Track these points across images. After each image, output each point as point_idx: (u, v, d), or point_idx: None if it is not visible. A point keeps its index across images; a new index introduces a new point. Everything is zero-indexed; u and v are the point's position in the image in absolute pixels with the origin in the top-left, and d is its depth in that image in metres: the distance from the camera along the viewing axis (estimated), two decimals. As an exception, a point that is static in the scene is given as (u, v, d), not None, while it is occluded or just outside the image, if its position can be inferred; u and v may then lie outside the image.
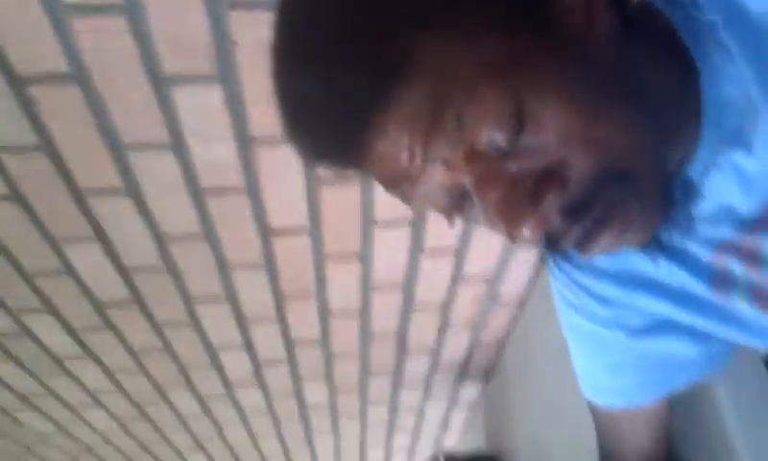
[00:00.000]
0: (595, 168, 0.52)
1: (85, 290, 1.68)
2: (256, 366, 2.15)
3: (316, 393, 2.39)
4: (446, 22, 0.50)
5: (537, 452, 1.91)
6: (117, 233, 1.48)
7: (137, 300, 1.73)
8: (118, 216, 1.41)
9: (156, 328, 1.88)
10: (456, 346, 2.10)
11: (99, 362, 2.07)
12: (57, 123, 1.17)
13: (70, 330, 1.87)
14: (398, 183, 0.54)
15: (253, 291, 1.72)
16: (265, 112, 1.15)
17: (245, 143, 1.24)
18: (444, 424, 2.81)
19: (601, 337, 0.77)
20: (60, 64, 1.05)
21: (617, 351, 0.77)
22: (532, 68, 0.51)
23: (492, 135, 0.50)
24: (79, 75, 1.07)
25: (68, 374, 2.14)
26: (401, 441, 2.98)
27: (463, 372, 2.30)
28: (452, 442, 3.03)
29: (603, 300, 0.75)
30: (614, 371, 0.79)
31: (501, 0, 0.52)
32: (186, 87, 1.11)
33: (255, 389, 2.33)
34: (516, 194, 0.51)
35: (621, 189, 0.52)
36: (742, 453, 0.87)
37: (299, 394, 2.39)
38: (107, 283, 1.65)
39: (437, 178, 0.53)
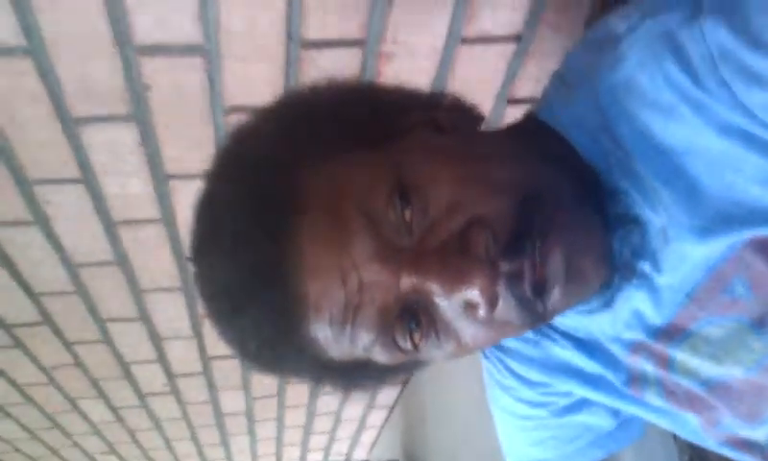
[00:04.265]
0: (508, 201, 0.54)
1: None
2: (170, 377, 2.12)
3: (232, 401, 2.37)
4: (323, 157, 0.56)
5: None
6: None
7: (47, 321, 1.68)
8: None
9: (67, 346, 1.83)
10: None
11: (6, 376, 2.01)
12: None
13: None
14: (345, 322, 0.55)
15: (170, 312, 1.70)
16: (179, 151, 1.14)
17: (160, 179, 1.21)
18: (362, 425, 2.85)
19: (525, 414, 0.81)
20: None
21: (540, 428, 0.81)
22: (399, 156, 0.56)
23: (393, 214, 0.53)
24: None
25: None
26: (318, 440, 3.00)
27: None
28: (369, 440, 3.08)
29: (528, 382, 0.78)
30: (538, 444, 0.82)
31: (364, 129, 0.58)
32: (97, 126, 1.08)
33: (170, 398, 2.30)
34: (449, 255, 0.53)
35: (544, 207, 0.54)
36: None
37: (215, 402, 2.37)
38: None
39: (375, 294, 0.54)
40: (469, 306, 0.54)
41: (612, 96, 0.56)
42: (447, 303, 0.54)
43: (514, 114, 1.11)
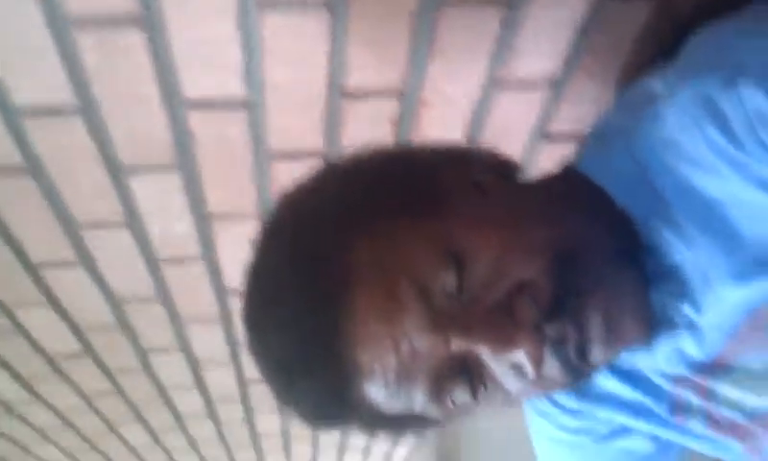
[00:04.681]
0: (548, 262, 0.56)
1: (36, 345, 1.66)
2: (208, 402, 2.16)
3: (267, 422, 2.40)
4: (369, 231, 0.58)
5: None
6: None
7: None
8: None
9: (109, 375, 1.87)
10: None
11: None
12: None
13: (19, 378, 1.85)
14: (399, 384, 0.58)
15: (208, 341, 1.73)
16: (221, 194, 1.17)
17: (202, 218, 1.24)
18: (395, 442, 2.86)
19: (566, 441, 0.83)
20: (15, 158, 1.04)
21: (582, 455, 0.82)
22: (444, 225, 0.58)
23: (443, 282, 0.55)
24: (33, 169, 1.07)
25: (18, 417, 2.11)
26: (352, 457, 3.02)
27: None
28: (402, 455, 3.09)
29: (569, 411, 0.80)
30: None
31: (408, 198, 0.60)
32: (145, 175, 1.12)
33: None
34: (497, 320, 0.56)
35: (584, 264, 0.57)
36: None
37: (250, 422, 2.39)
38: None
39: (427, 358, 0.56)
40: (517, 367, 0.57)
41: (651, 152, 0.59)
42: (497, 364, 0.57)
43: (549, 151, 1.13)
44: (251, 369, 1.88)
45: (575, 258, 0.57)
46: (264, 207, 1.19)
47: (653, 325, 0.61)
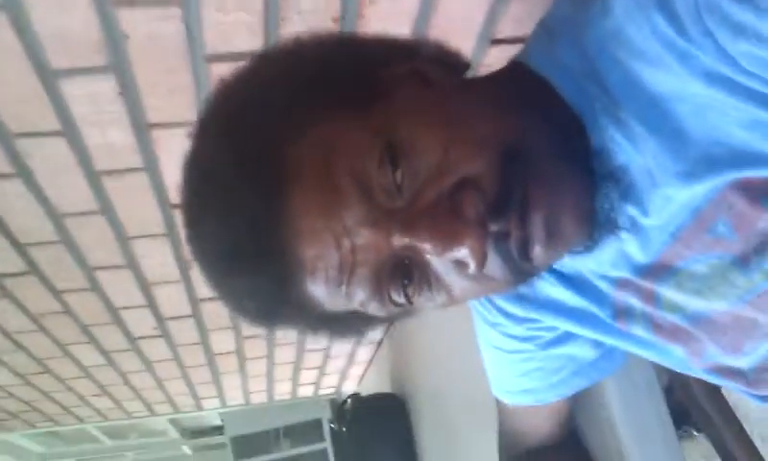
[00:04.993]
0: (494, 158, 0.55)
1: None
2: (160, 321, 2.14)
3: (223, 341, 2.40)
4: (308, 123, 0.57)
5: (435, 398, 2.00)
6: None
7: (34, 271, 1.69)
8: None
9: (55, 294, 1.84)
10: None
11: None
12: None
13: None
14: (340, 281, 0.57)
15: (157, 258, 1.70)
16: (159, 101, 1.14)
17: (140, 127, 1.20)
18: (351, 361, 2.89)
19: (513, 349, 0.84)
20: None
21: (527, 360, 0.84)
22: (386, 117, 0.57)
23: (383, 177, 0.54)
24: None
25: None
26: (308, 375, 3.05)
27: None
28: (358, 374, 3.13)
29: (515, 318, 0.81)
30: (524, 375, 0.86)
31: (350, 89, 0.59)
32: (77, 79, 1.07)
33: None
34: (440, 216, 0.55)
35: (530, 162, 0.56)
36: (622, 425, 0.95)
37: (205, 343, 2.39)
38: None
39: (369, 255, 0.56)
40: (460, 264, 0.56)
41: (599, 45, 0.57)
42: (439, 261, 0.57)
43: (496, 55, 1.11)
44: (202, 287, 1.87)
45: (521, 155, 0.56)
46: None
47: (597, 226, 0.60)
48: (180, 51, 1.02)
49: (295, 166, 0.55)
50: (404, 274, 0.57)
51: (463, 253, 0.54)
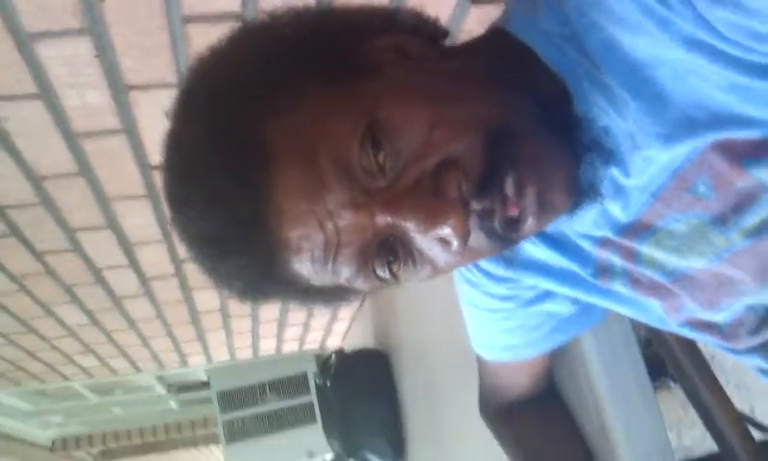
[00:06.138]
0: (477, 137, 0.56)
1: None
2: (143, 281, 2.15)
3: (207, 300, 2.41)
4: (287, 103, 0.56)
5: (418, 353, 2.03)
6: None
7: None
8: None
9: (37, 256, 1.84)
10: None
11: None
12: None
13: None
14: (326, 260, 0.57)
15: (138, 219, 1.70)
16: (136, 63, 1.12)
17: (118, 89, 1.20)
18: (334, 317, 2.91)
19: (494, 308, 0.86)
20: None
21: (508, 318, 0.86)
22: (368, 98, 0.56)
23: (364, 158, 0.55)
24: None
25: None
26: (293, 331, 3.07)
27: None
28: (342, 329, 3.16)
29: (496, 278, 0.82)
30: (505, 332, 0.88)
31: (330, 67, 0.58)
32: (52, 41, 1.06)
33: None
34: (422, 195, 0.55)
35: (513, 140, 0.56)
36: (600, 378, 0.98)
37: (189, 301, 2.40)
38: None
39: (353, 235, 0.56)
40: (443, 240, 0.57)
41: (580, 11, 0.57)
42: (422, 238, 0.57)
43: (477, 16, 1.10)
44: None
45: (506, 135, 0.56)
46: (182, 76, 1.14)
47: (581, 194, 0.61)
48: (157, 12, 1.01)
49: (275, 149, 0.55)
50: (389, 251, 0.58)
51: (446, 231, 0.55)
